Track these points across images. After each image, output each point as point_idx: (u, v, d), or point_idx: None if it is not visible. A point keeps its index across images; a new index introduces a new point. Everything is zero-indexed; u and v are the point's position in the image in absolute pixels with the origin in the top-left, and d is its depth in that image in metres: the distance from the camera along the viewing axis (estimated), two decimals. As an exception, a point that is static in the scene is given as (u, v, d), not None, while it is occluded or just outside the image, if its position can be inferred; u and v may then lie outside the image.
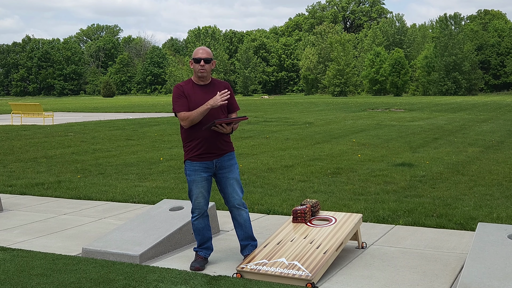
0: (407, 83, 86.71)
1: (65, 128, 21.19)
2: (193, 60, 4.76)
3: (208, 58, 4.75)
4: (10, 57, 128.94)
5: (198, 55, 4.75)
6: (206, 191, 4.83)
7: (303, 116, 28.73)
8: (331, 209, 6.85)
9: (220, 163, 4.80)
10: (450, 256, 5.04)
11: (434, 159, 11.36)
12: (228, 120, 4.65)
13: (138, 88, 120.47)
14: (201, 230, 4.90)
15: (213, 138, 4.73)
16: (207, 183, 4.82)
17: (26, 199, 8.05)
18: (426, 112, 31.43)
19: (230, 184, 4.84)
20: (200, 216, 4.87)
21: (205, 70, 4.75)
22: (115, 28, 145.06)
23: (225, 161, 4.82)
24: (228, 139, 4.87)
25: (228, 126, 4.69)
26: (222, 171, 4.82)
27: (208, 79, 4.84)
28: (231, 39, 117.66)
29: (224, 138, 4.81)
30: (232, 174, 4.84)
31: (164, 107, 43.28)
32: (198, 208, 4.84)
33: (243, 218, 4.93)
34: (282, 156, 12.23)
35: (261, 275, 4.46)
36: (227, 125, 4.68)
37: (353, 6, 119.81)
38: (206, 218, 4.92)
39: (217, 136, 4.74)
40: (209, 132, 4.71)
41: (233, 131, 4.82)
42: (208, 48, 4.82)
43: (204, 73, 4.75)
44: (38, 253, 5.24)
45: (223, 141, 4.81)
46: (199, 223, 4.89)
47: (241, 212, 4.92)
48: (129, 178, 9.53)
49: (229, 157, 4.86)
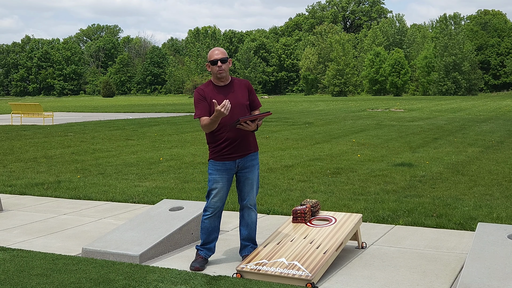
0: (407, 83, 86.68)
1: (65, 128, 21.19)
2: (210, 63, 4.74)
3: (224, 58, 4.73)
4: (10, 57, 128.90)
5: (214, 57, 4.73)
6: (225, 192, 4.82)
7: (303, 116, 28.73)
8: (331, 209, 6.85)
9: (242, 163, 4.79)
10: (450, 256, 5.04)
11: (434, 159, 11.36)
12: (252, 117, 4.61)
13: (138, 88, 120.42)
14: (209, 230, 4.88)
15: (239, 138, 4.72)
16: (228, 184, 4.81)
17: (26, 199, 8.05)
18: (426, 112, 31.43)
19: (249, 183, 4.85)
20: (213, 216, 4.85)
21: (224, 70, 4.73)
22: (115, 28, 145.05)
23: (248, 161, 4.81)
24: (253, 138, 4.86)
25: (253, 123, 4.66)
26: (244, 170, 4.82)
27: (228, 78, 4.83)
28: (231, 39, 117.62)
29: (249, 138, 4.80)
30: (252, 174, 4.84)
31: (164, 107, 43.28)
32: (212, 207, 4.82)
33: (252, 219, 4.95)
34: (282, 156, 12.23)
35: (261, 275, 4.46)
36: (251, 122, 4.65)
37: (353, 6, 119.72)
38: (218, 219, 4.90)
39: (242, 136, 4.73)
40: (234, 133, 4.69)
41: (258, 128, 4.78)
42: (222, 48, 4.81)
43: (223, 73, 4.74)
44: (38, 253, 5.23)
45: (249, 141, 4.80)
46: (209, 222, 4.86)
47: (251, 212, 4.94)
48: (129, 178, 9.53)
49: (252, 157, 4.85)
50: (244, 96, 4.82)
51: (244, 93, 4.83)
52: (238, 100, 4.76)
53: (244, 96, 4.82)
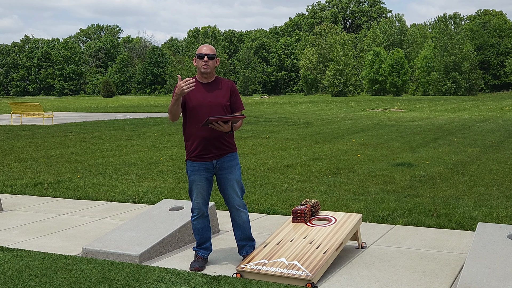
0: (406, 83, 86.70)
1: (65, 128, 21.19)
2: (197, 56, 4.72)
3: (211, 55, 4.71)
4: (9, 57, 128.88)
5: (202, 51, 4.71)
6: (206, 192, 4.80)
7: (303, 116, 28.73)
8: (331, 209, 6.84)
9: (220, 164, 4.75)
10: (450, 256, 5.04)
11: (434, 159, 11.36)
12: (224, 118, 4.51)
13: (138, 88, 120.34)
14: (200, 230, 4.89)
15: (212, 138, 4.67)
16: (207, 184, 4.79)
17: (26, 199, 8.05)
18: (426, 112, 31.43)
19: (230, 185, 4.79)
20: (200, 216, 4.85)
21: (209, 66, 4.70)
22: (115, 28, 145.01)
23: (225, 162, 4.76)
24: (229, 139, 4.78)
25: (226, 124, 4.57)
26: (222, 172, 4.77)
27: (212, 76, 4.79)
28: (230, 39, 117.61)
29: (224, 138, 4.73)
30: (232, 175, 4.78)
31: (164, 107, 43.26)
32: (197, 208, 4.83)
33: (242, 219, 4.91)
34: (282, 156, 12.23)
35: (261, 275, 4.46)
36: (224, 123, 4.56)
37: (353, 6, 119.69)
38: (206, 219, 4.90)
39: (216, 136, 4.67)
40: (207, 132, 4.64)
41: (233, 130, 4.71)
42: (212, 46, 4.79)
43: (208, 69, 4.71)
44: (38, 253, 5.23)
45: (224, 141, 4.73)
46: (198, 223, 4.87)
47: (241, 213, 4.89)
48: (129, 178, 9.53)
49: (230, 158, 4.78)
50: (225, 97, 4.75)
51: (226, 94, 4.76)
52: (218, 99, 4.71)
53: (225, 96, 4.75)
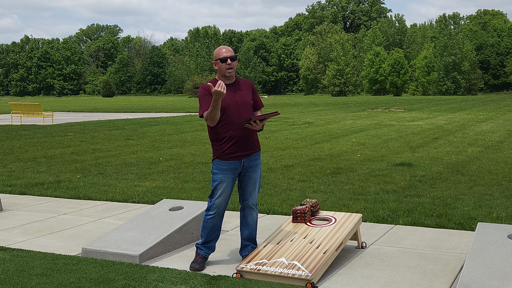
0: (406, 83, 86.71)
1: (65, 128, 21.19)
2: (220, 60, 4.70)
3: (234, 56, 4.73)
4: (9, 57, 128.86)
5: (223, 55, 4.70)
6: (229, 192, 4.82)
7: (303, 116, 28.73)
8: (331, 209, 6.85)
9: (247, 163, 4.79)
10: (450, 256, 5.04)
11: (434, 159, 11.36)
12: (263, 117, 4.62)
13: (138, 88, 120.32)
14: (211, 228, 4.87)
15: (245, 137, 4.73)
16: (232, 184, 4.81)
17: (26, 199, 8.05)
18: (425, 112, 31.43)
19: (252, 183, 4.85)
20: (217, 216, 4.84)
21: (233, 68, 4.73)
22: (114, 28, 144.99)
23: (252, 160, 4.82)
24: (257, 138, 4.88)
25: (261, 123, 4.67)
26: (248, 170, 4.82)
27: (233, 77, 4.83)
28: (230, 39, 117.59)
29: (254, 137, 4.81)
30: (255, 173, 4.85)
31: (164, 107, 43.27)
32: (216, 208, 4.81)
33: (253, 219, 4.96)
34: (281, 156, 12.23)
35: (261, 275, 4.46)
36: (259, 122, 4.66)
37: (353, 6, 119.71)
38: (220, 219, 4.90)
39: (248, 135, 4.74)
40: (240, 131, 4.69)
41: (263, 128, 4.80)
42: (229, 47, 4.78)
43: (232, 72, 4.74)
44: (38, 253, 5.23)
45: (253, 140, 4.81)
46: (212, 222, 4.85)
47: (253, 212, 4.95)
48: (128, 178, 9.53)
49: (256, 157, 4.86)
50: (249, 95, 4.84)
51: (249, 92, 4.85)
52: (244, 98, 4.77)
53: (249, 95, 4.84)
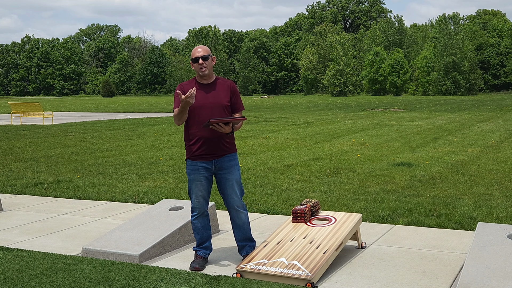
0: (406, 83, 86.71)
1: (65, 128, 21.19)
2: (192, 61, 4.73)
3: (205, 55, 4.70)
4: (9, 57, 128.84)
5: (195, 55, 4.72)
6: (206, 191, 4.81)
7: (303, 116, 28.73)
8: (330, 209, 6.85)
9: (219, 164, 4.76)
10: (450, 256, 5.04)
11: (434, 158, 11.36)
12: (224, 120, 4.54)
13: (138, 88, 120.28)
14: (200, 230, 4.89)
15: (214, 138, 4.69)
16: (207, 183, 4.80)
17: (26, 199, 8.05)
18: (425, 112, 31.43)
19: (229, 185, 4.80)
20: (200, 216, 4.86)
21: (206, 67, 4.71)
22: (114, 28, 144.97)
23: (225, 162, 4.77)
24: (230, 140, 4.81)
25: (227, 126, 4.60)
26: (222, 172, 4.78)
27: (211, 77, 4.79)
28: (230, 38, 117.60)
29: (225, 139, 4.75)
30: (232, 175, 4.79)
31: (164, 107, 43.27)
32: (197, 208, 4.84)
33: (242, 220, 4.92)
34: (281, 156, 12.23)
35: (261, 275, 4.46)
36: (225, 125, 4.59)
37: (352, 6, 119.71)
38: (206, 218, 4.91)
39: (217, 137, 4.69)
40: (209, 132, 4.66)
41: (233, 131, 4.74)
42: (205, 46, 4.78)
43: (206, 71, 4.71)
44: (38, 253, 5.23)
45: (224, 142, 4.75)
46: (198, 222, 4.88)
47: (240, 214, 4.90)
48: (128, 178, 9.53)
49: (230, 158, 4.80)
50: (226, 97, 4.76)
51: (226, 94, 4.77)
52: (218, 100, 4.72)
53: (225, 97, 4.76)
